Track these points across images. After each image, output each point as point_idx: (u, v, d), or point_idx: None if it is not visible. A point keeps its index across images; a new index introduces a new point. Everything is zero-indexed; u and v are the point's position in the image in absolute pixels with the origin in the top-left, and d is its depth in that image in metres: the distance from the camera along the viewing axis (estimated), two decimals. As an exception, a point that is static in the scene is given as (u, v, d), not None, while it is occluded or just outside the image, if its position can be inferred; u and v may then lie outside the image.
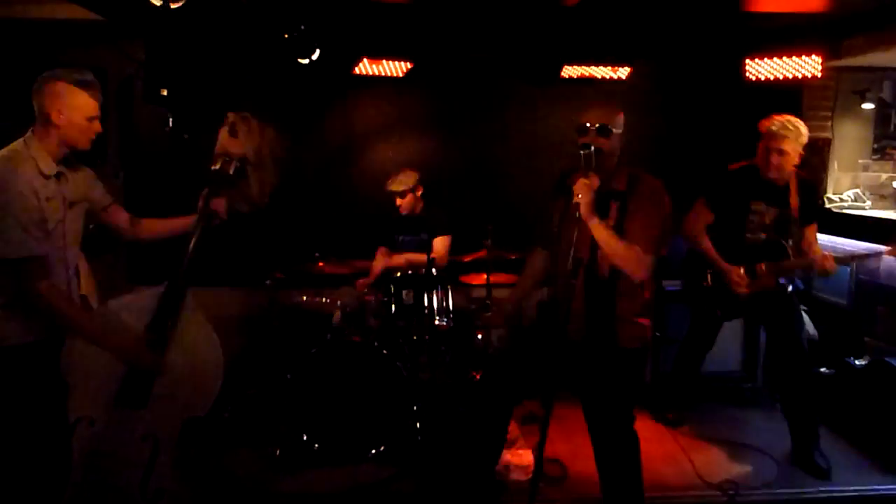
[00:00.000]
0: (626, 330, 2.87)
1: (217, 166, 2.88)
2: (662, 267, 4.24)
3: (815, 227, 3.94)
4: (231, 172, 2.88)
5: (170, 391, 2.70)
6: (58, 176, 2.59)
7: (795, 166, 3.79)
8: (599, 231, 2.68)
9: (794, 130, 3.69)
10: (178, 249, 2.79)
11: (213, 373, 2.84)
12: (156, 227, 3.02)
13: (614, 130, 2.82)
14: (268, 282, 4.38)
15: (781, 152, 3.70)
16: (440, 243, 4.62)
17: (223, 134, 2.88)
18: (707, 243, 3.89)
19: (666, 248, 2.81)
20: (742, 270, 3.82)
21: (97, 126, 2.63)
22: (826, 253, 3.70)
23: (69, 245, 2.66)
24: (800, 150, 3.73)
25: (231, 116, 2.89)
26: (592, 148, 2.71)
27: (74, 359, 2.59)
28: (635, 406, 2.97)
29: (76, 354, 2.59)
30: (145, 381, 2.65)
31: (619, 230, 2.74)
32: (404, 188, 4.62)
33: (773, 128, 3.70)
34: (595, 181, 2.69)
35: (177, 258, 2.75)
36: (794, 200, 3.80)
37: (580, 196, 2.62)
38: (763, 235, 3.86)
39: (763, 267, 3.82)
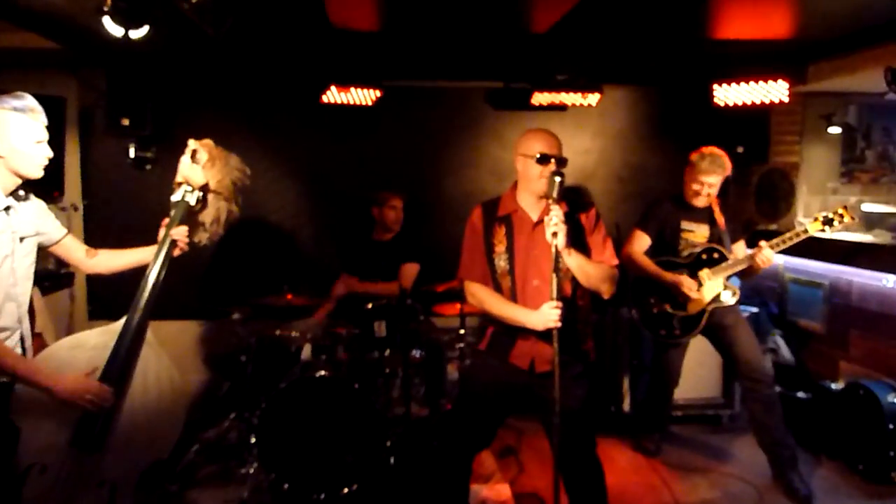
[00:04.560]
0: (588, 343, 2.95)
1: (177, 195, 2.80)
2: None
3: (742, 243, 4.11)
4: (192, 202, 2.80)
5: (128, 433, 2.57)
6: (6, 209, 2.49)
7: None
8: (575, 259, 2.72)
9: (723, 167, 3.89)
10: (138, 283, 2.69)
11: (174, 412, 2.74)
12: (114, 259, 2.89)
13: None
14: (234, 315, 4.29)
15: (711, 186, 3.90)
16: (409, 270, 4.58)
17: (184, 162, 2.80)
18: (647, 262, 4.03)
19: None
20: (687, 275, 3.94)
21: (45, 150, 2.52)
22: (760, 245, 3.80)
23: (19, 281, 2.53)
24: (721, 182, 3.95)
25: (192, 144, 2.82)
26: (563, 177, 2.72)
27: (25, 401, 2.44)
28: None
29: (27, 396, 2.44)
30: (102, 423, 2.51)
31: (584, 252, 2.81)
32: (401, 203, 4.69)
33: (705, 164, 3.87)
34: (564, 209, 2.69)
35: (136, 291, 2.65)
36: (719, 218, 4.00)
37: (557, 225, 2.60)
38: (699, 247, 4.01)
39: (707, 272, 3.92)
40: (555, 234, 2.60)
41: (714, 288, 3.93)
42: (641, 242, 4.07)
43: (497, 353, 2.92)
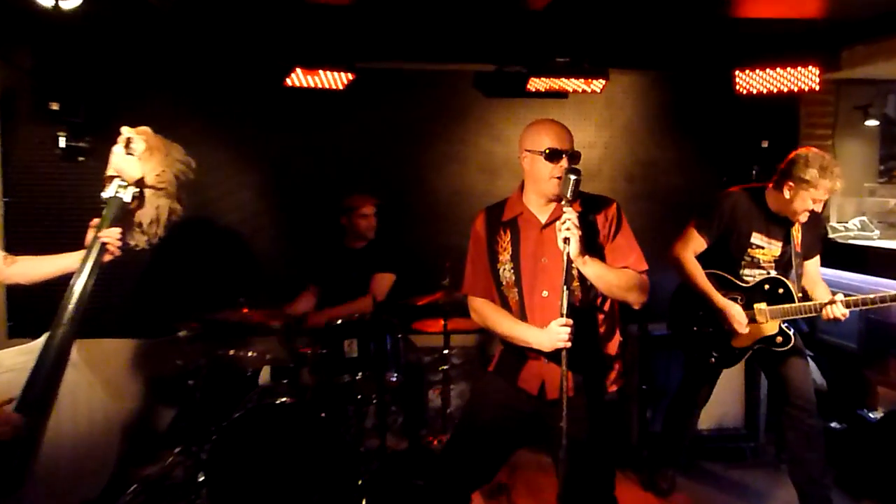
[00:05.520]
0: (615, 365, 2.91)
1: (109, 191, 2.77)
2: (649, 308, 4.21)
3: (818, 260, 3.98)
4: (126, 199, 2.78)
5: (51, 470, 2.56)
6: None
7: None
8: (593, 268, 2.67)
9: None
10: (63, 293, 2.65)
11: (106, 445, 2.75)
12: (36, 267, 2.89)
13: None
14: (180, 332, 4.24)
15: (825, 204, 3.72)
16: (381, 281, 4.56)
17: (117, 153, 2.77)
18: (698, 272, 3.85)
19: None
20: (741, 306, 3.79)
21: None
22: (834, 298, 3.68)
23: None
24: None
25: (126, 132, 2.81)
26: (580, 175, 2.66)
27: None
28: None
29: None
30: (19, 457, 2.46)
31: (601, 258, 2.76)
32: (372, 209, 4.64)
33: (827, 182, 3.57)
34: (578, 210, 2.66)
35: (60, 303, 2.61)
36: (797, 234, 3.84)
37: (569, 231, 2.56)
38: (763, 273, 3.86)
39: (764, 308, 3.79)
40: (566, 241, 2.56)
41: (769, 328, 3.80)
42: (696, 245, 3.86)
43: (505, 376, 2.90)
